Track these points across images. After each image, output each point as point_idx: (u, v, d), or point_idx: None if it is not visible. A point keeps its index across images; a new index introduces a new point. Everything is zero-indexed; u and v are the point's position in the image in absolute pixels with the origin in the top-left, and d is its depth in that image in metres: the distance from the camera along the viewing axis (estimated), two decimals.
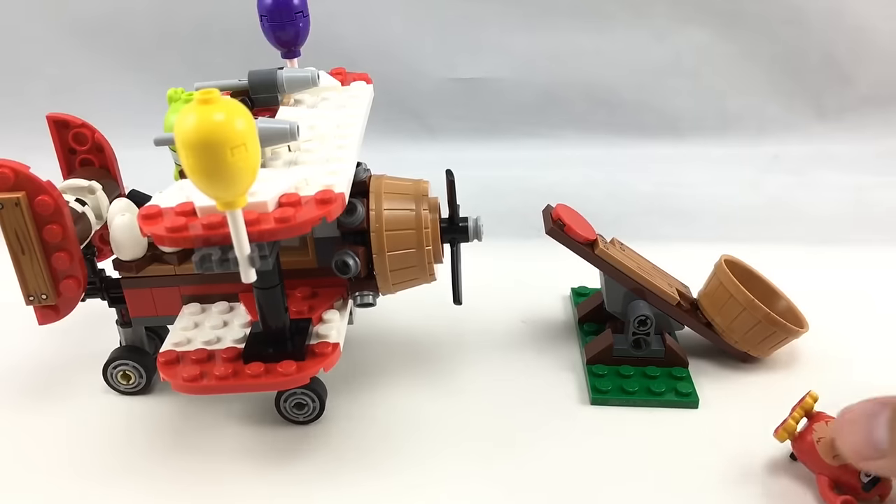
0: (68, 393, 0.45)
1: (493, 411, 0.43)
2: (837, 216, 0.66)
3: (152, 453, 0.40)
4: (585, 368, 0.45)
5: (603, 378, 0.44)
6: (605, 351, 0.45)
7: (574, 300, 0.52)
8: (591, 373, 0.44)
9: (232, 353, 0.38)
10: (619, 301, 0.45)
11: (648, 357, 0.44)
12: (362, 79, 0.47)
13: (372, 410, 0.43)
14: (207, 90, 0.26)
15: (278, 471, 0.39)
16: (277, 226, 0.31)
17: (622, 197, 0.67)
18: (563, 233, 0.44)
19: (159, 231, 0.31)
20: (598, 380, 0.44)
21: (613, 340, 0.45)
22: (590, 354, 0.45)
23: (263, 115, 0.41)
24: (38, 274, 0.39)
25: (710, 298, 0.45)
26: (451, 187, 0.40)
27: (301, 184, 0.34)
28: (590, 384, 0.44)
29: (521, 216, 0.63)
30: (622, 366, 0.44)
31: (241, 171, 0.27)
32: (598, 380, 0.44)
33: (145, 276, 0.42)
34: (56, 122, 0.44)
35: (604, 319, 0.48)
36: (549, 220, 0.45)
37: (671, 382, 0.43)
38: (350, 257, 0.39)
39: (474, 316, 0.50)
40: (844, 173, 0.72)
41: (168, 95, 0.40)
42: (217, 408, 0.43)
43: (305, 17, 0.44)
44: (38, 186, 0.37)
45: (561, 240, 0.45)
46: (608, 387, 0.43)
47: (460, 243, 0.42)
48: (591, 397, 0.43)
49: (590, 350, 0.46)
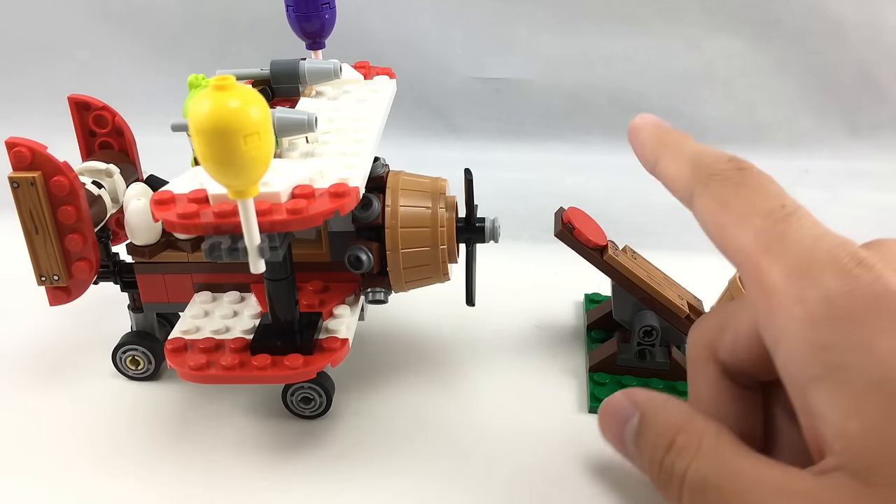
0: (76, 375, 0.45)
1: (495, 414, 0.42)
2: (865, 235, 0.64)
3: (156, 440, 0.40)
4: (587, 376, 0.44)
5: (603, 387, 0.43)
6: (609, 359, 0.44)
7: (586, 306, 0.51)
8: (593, 381, 0.44)
9: (240, 344, 0.38)
10: (627, 310, 0.44)
11: (652, 369, 0.43)
12: (385, 73, 0.46)
13: (378, 408, 0.42)
14: (223, 76, 0.26)
15: (281, 464, 0.39)
16: (289, 217, 0.30)
17: (646, 205, 0.66)
18: (572, 236, 0.43)
19: (171, 217, 0.31)
20: (599, 388, 0.43)
21: (618, 349, 0.44)
22: (593, 362, 0.44)
23: (283, 105, 0.41)
24: (50, 254, 0.39)
25: None
26: (468, 186, 0.40)
27: (316, 176, 0.33)
28: (590, 392, 0.43)
29: (541, 220, 0.62)
30: (625, 376, 0.44)
31: (253, 160, 0.26)
32: (598, 388, 0.43)
33: (158, 262, 0.42)
34: (77, 104, 0.44)
35: (613, 328, 0.47)
36: (559, 223, 0.44)
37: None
38: (363, 252, 0.39)
39: (487, 318, 0.50)
40: (874, 191, 0.70)
41: (189, 81, 0.40)
42: (223, 398, 0.43)
43: (332, 8, 0.43)
44: (55, 167, 0.37)
45: (570, 243, 0.44)
46: (607, 396, 0.42)
47: (476, 244, 0.41)
48: (590, 405, 0.42)
49: (593, 357, 0.45)
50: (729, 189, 0.28)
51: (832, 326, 0.24)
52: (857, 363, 0.24)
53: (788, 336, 0.25)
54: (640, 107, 0.76)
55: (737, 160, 0.29)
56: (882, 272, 0.24)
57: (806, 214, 0.27)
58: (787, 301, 0.25)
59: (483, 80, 0.77)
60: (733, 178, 0.28)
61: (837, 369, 0.24)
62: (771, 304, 0.26)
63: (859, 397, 0.24)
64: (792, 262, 0.26)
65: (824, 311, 0.24)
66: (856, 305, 0.24)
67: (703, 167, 0.29)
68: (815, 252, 0.25)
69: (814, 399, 0.25)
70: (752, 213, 0.27)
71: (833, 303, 0.24)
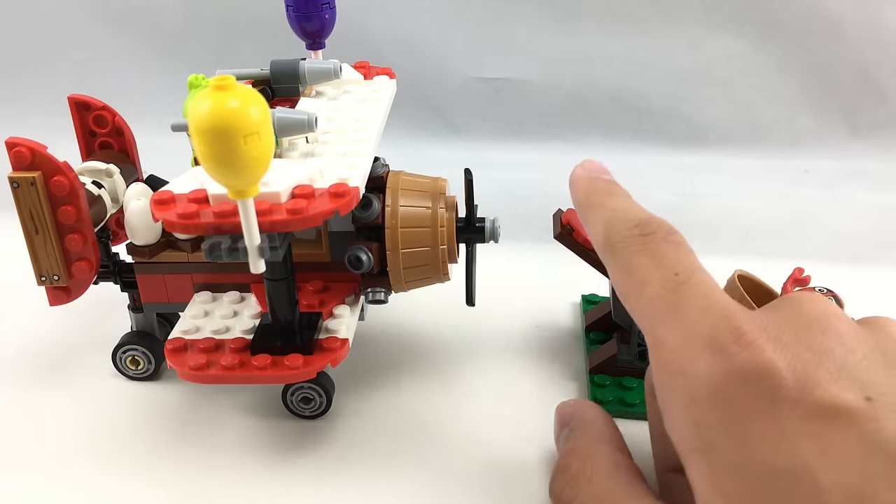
0: (76, 375, 0.45)
1: (495, 416, 0.42)
2: (864, 235, 0.64)
3: (155, 440, 0.40)
4: (588, 377, 0.44)
5: (604, 388, 0.43)
6: (609, 361, 0.44)
7: (583, 307, 0.51)
8: (593, 382, 0.43)
9: (240, 344, 0.38)
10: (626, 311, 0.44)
11: None
12: (385, 73, 0.46)
13: (378, 408, 0.42)
14: (223, 76, 0.26)
15: (281, 465, 0.39)
16: (289, 217, 0.30)
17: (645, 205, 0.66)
18: (571, 238, 0.43)
19: (171, 217, 0.31)
20: (599, 390, 0.43)
21: (617, 350, 0.44)
22: (593, 364, 0.44)
23: (283, 105, 0.41)
24: (50, 254, 0.39)
25: None
26: (468, 186, 0.40)
27: (316, 176, 0.33)
28: (590, 394, 0.43)
29: (541, 220, 0.62)
30: (625, 377, 0.43)
31: (253, 161, 0.26)
32: (598, 390, 0.43)
33: (158, 262, 0.42)
34: (77, 104, 0.44)
35: (611, 329, 0.47)
36: (558, 225, 0.44)
37: None
38: (363, 252, 0.39)
39: (487, 318, 0.50)
40: (874, 191, 0.70)
41: (189, 81, 0.40)
42: (223, 398, 0.43)
43: (332, 8, 0.43)
44: (55, 167, 0.37)
45: (569, 245, 0.44)
46: (609, 397, 0.42)
47: (476, 244, 0.41)
48: None
49: (593, 359, 0.45)
50: (629, 257, 0.29)
51: (707, 405, 0.25)
52: (726, 443, 0.24)
53: (672, 406, 0.26)
54: (640, 107, 0.77)
55: (644, 224, 0.29)
56: (761, 348, 0.24)
57: (699, 281, 0.27)
58: (672, 374, 0.26)
59: (483, 80, 0.77)
60: (634, 246, 0.29)
61: (709, 447, 0.25)
62: (660, 373, 0.27)
63: (725, 477, 0.24)
64: (679, 336, 0.26)
65: (700, 389, 0.25)
66: (728, 386, 0.24)
67: (613, 233, 0.30)
68: (697, 327, 0.26)
69: (689, 469, 0.25)
70: (647, 282, 0.28)
71: (708, 382, 0.25)
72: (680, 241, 0.29)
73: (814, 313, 0.26)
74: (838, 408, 0.23)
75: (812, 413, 0.23)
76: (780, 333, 0.25)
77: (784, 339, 0.25)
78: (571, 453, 0.32)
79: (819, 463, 0.22)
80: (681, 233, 0.29)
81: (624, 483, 0.29)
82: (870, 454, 0.22)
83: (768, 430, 0.23)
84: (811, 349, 0.24)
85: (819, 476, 0.22)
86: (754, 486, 0.23)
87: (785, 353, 0.24)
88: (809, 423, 0.23)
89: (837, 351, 0.24)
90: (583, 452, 0.32)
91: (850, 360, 0.24)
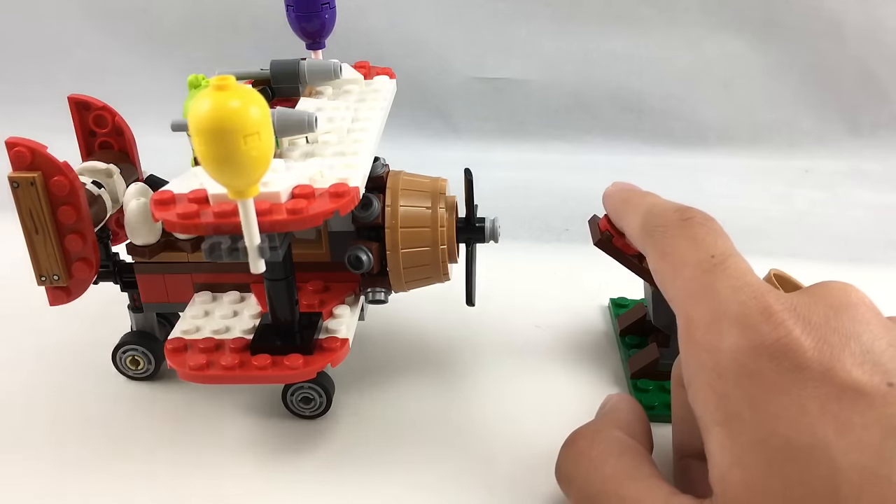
0: (76, 375, 0.45)
1: (495, 416, 0.42)
2: (864, 235, 0.64)
3: (155, 440, 0.40)
4: (629, 383, 0.43)
5: (648, 393, 0.42)
6: (651, 365, 0.43)
7: (613, 311, 0.50)
8: (636, 388, 0.42)
9: (240, 344, 0.38)
10: (669, 314, 0.43)
11: None
12: (385, 73, 0.46)
13: (379, 408, 0.42)
14: (223, 76, 0.26)
15: (281, 464, 0.39)
16: (289, 217, 0.30)
17: None
18: (612, 244, 0.41)
19: (171, 217, 0.31)
20: (643, 395, 0.42)
21: (659, 355, 0.43)
22: (633, 369, 0.43)
23: (284, 105, 0.41)
24: (50, 255, 0.39)
25: None
26: (468, 186, 0.40)
27: (316, 176, 0.33)
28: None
29: (541, 220, 0.63)
30: (667, 381, 0.42)
31: (253, 161, 0.26)
32: (642, 395, 0.42)
33: (158, 262, 0.41)
34: (77, 104, 0.44)
35: (646, 332, 0.46)
36: (596, 231, 0.42)
37: None
38: (363, 252, 0.39)
39: (487, 318, 0.50)
40: (875, 191, 0.70)
41: (189, 81, 0.40)
42: (223, 398, 0.43)
43: (332, 8, 0.43)
44: (55, 167, 0.37)
45: (609, 251, 0.42)
46: (655, 402, 0.41)
47: (476, 244, 0.41)
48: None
49: (633, 364, 0.44)
50: (668, 240, 0.30)
51: (733, 379, 0.25)
52: (749, 417, 0.25)
53: (698, 380, 0.27)
54: (640, 107, 0.77)
55: (683, 210, 0.31)
56: (789, 328, 0.25)
57: (733, 264, 0.28)
58: (700, 349, 0.27)
59: (483, 80, 0.77)
60: (673, 230, 0.30)
61: (732, 418, 0.25)
62: (688, 350, 0.28)
63: (745, 449, 0.25)
64: (710, 313, 0.27)
65: (728, 363, 0.26)
66: (755, 362, 0.25)
67: (652, 219, 0.31)
68: (729, 304, 0.26)
69: (709, 441, 0.26)
70: (683, 263, 0.29)
71: (736, 357, 0.26)
72: (717, 227, 0.30)
73: (844, 300, 0.26)
74: (860, 391, 0.24)
75: (834, 394, 0.24)
76: (810, 315, 0.26)
77: (813, 321, 0.25)
78: (580, 432, 0.33)
79: (837, 443, 0.23)
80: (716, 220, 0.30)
81: (629, 463, 0.30)
82: (888, 437, 0.23)
83: (791, 406, 0.24)
84: (838, 333, 0.25)
85: (836, 455, 0.23)
86: (772, 459, 0.24)
87: (812, 334, 0.25)
88: (831, 404, 0.24)
89: (864, 336, 0.25)
90: (591, 432, 0.32)
91: (876, 347, 0.25)
